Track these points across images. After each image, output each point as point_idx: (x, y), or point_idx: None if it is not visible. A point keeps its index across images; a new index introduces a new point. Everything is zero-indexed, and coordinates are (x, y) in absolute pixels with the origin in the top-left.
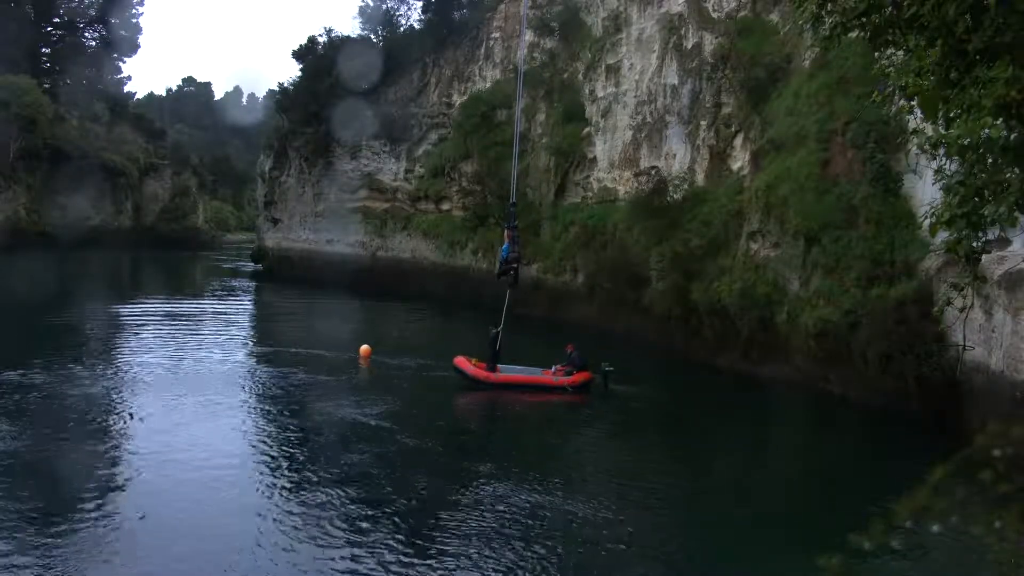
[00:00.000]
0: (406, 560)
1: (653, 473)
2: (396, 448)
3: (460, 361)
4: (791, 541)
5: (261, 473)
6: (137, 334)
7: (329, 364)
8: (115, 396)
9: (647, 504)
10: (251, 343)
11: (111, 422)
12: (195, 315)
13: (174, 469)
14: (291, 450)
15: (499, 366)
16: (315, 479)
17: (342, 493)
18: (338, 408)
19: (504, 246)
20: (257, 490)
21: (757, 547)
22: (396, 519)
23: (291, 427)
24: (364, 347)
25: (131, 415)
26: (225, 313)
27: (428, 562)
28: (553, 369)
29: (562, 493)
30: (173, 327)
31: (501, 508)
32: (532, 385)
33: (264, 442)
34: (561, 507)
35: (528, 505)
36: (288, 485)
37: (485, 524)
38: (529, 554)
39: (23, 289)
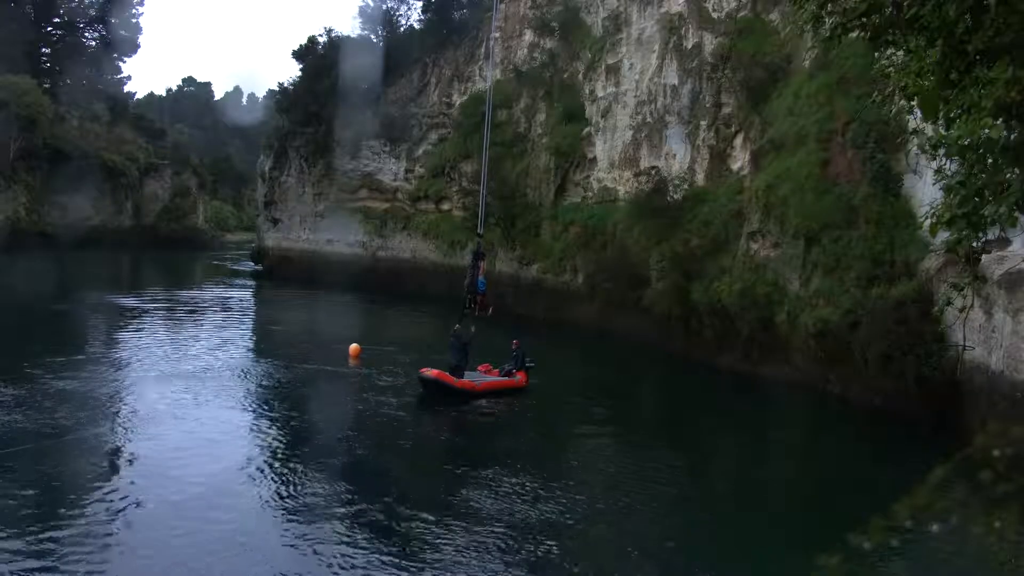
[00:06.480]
0: (402, 557)
1: (653, 473)
2: (389, 446)
3: (437, 374)
4: (791, 541)
5: (256, 468)
6: (137, 333)
7: (326, 364)
8: (113, 394)
9: (646, 504)
10: (249, 343)
11: (109, 420)
12: (194, 315)
13: (171, 465)
14: (282, 446)
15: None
16: (305, 476)
17: (335, 491)
18: (331, 407)
19: (480, 280)
20: (250, 486)
21: (757, 547)
22: (388, 515)
23: (282, 424)
24: (353, 346)
25: (129, 412)
26: (224, 313)
27: (424, 559)
28: (505, 369)
29: (560, 493)
30: (172, 326)
31: (497, 508)
32: (505, 390)
33: (258, 440)
34: (559, 507)
35: (525, 505)
36: (280, 480)
37: (483, 524)
38: (528, 554)
39: (23, 289)
